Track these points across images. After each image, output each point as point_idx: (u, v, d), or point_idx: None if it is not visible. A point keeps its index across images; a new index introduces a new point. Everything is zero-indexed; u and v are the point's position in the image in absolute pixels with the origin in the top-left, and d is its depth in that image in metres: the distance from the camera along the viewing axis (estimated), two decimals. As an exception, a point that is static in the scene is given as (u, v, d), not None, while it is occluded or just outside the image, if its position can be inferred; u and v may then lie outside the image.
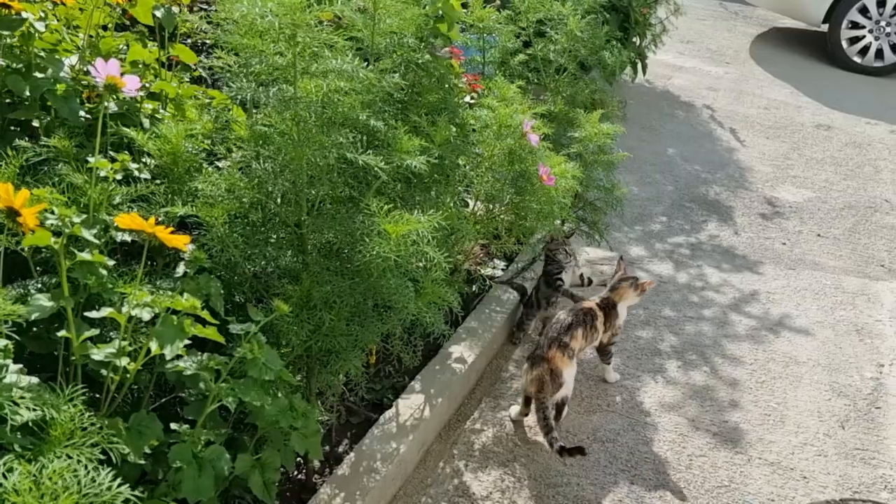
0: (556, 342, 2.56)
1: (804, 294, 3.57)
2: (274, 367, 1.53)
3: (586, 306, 2.72)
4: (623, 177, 4.40)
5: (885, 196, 4.62)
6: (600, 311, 2.72)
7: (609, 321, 2.74)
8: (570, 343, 2.57)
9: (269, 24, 1.61)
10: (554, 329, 2.61)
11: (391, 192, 2.03)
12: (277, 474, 1.76)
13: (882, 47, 6.66)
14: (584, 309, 2.70)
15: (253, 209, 1.85)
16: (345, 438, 2.41)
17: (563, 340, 2.56)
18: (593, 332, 2.70)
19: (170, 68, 2.48)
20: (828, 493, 2.46)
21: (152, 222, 1.33)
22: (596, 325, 2.70)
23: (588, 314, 2.68)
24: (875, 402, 2.90)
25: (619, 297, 2.76)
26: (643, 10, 5.21)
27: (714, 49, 7.22)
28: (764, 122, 5.63)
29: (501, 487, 2.37)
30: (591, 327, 2.68)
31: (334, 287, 1.77)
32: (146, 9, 2.22)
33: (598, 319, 2.70)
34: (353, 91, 1.71)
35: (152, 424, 1.45)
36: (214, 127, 2.12)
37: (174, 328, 1.34)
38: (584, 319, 2.66)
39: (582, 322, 2.64)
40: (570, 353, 2.57)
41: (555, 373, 2.52)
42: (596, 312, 2.71)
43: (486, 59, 3.15)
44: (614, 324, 2.76)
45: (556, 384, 2.51)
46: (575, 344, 2.59)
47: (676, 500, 2.39)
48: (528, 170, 2.37)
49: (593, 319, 2.69)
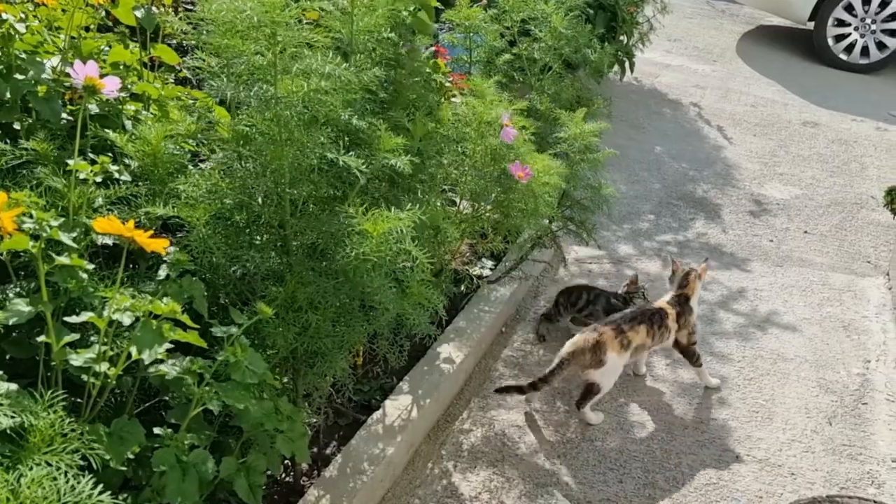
0: (614, 324, 2.60)
1: (791, 291, 3.58)
2: (257, 370, 1.52)
3: (656, 306, 2.75)
4: (611, 175, 4.41)
5: (871, 192, 4.64)
6: (672, 310, 2.74)
7: (683, 318, 2.76)
8: (627, 331, 2.58)
9: (248, 21, 1.59)
10: (617, 315, 2.66)
11: (375, 192, 2.02)
12: (263, 477, 1.75)
13: (868, 44, 6.70)
14: (653, 309, 2.73)
15: (236, 210, 1.84)
16: (333, 440, 2.40)
17: (622, 327, 2.59)
18: (663, 331, 2.70)
19: (155, 69, 2.46)
20: (815, 490, 2.47)
21: (130, 226, 1.31)
22: (667, 324, 2.71)
23: (656, 314, 2.70)
24: (862, 398, 2.91)
25: (691, 292, 2.79)
26: (630, 9, 5.22)
27: (701, 47, 7.24)
28: (751, 119, 5.65)
29: (490, 487, 2.37)
30: (661, 326, 2.69)
31: (318, 288, 1.76)
32: (127, 9, 2.20)
33: (668, 318, 2.72)
34: (334, 90, 1.70)
35: (134, 429, 1.44)
36: (198, 128, 2.10)
37: (153, 333, 1.33)
38: (651, 318, 2.68)
39: (648, 320, 2.67)
40: (625, 342, 2.58)
41: (598, 347, 2.54)
42: (666, 311, 2.73)
43: (472, 59, 3.15)
44: (689, 320, 2.78)
45: (594, 358, 2.53)
46: (634, 336, 2.60)
47: (665, 498, 2.39)
48: (510, 168, 2.37)
49: (663, 319, 2.71)
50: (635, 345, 2.63)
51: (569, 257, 3.65)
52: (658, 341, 2.72)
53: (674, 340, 2.78)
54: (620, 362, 2.61)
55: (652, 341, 2.69)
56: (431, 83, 2.47)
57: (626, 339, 2.59)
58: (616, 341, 2.57)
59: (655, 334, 2.69)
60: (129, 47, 2.29)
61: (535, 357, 2.98)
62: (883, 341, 3.26)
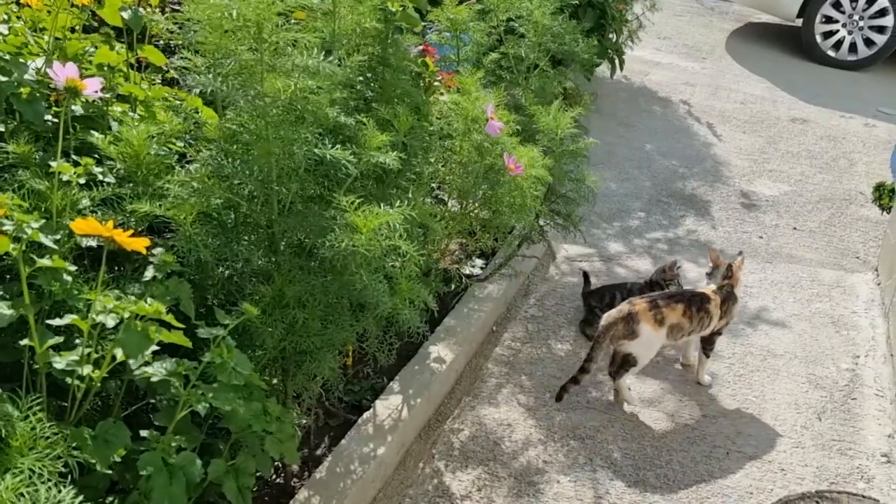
0: (649, 298, 2.64)
1: (781, 287, 3.59)
2: (244, 371, 1.51)
3: (699, 291, 2.76)
4: (600, 173, 4.41)
5: (860, 188, 4.66)
6: (716, 297, 2.74)
7: (726, 306, 2.77)
8: (662, 307, 2.60)
9: (235, 20, 1.58)
10: (655, 294, 2.71)
11: (363, 191, 2.02)
12: (252, 480, 1.74)
13: (855, 41, 6.73)
14: (696, 292, 2.74)
15: (224, 210, 1.83)
16: (324, 441, 2.39)
17: (657, 301, 2.62)
18: (704, 316, 2.70)
19: (142, 70, 2.44)
20: (805, 485, 2.48)
21: (110, 226, 1.30)
22: (708, 310, 2.71)
23: (698, 297, 2.71)
24: (851, 394, 2.92)
25: (736, 283, 2.80)
26: (619, 6, 5.22)
27: (691, 45, 7.26)
28: (740, 116, 5.66)
29: (481, 486, 2.36)
30: (701, 311, 2.69)
31: (306, 285, 1.75)
32: (113, 10, 2.19)
33: (711, 304, 2.71)
34: (321, 88, 1.69)
35: (120, 433, 1.43)
36: (184, 128, 2.09)
37: (139, 335, 1.32)
38: (691, 300, 2.68)
39: (687, 301, 2.67)
40: (659, 317, 2.59)
41: (631, 318, 2.57)
42: (710, 297, 2.73)
43: (460, 57, 3.14)
44: (732, 310, 2.80)
45: (626, 328, 2.57)
46: (669, 313, 2.61)
47: (656, 495, 2.40)
48: (497, 162, 2.36)
49: (704, 303, 2.70)
50: (670, 322, 2.62)
51: (559, 255, 3.66)
52: (698, 326, 2.71)
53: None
54: (657, 338, 2.62)
55: (690, 324, 2.67)
56: (419, 81, 2.46)
57: (660, 314, 2.60)
58: (650, 314, 2.59)
59: (694, 317, 2.67)
60: (115, 48, 2.28)
61: (527, 356, 2.98)
62: (872, 336, 3.27)
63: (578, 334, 3.12)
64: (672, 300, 2.65)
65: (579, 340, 3.09)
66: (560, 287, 3.44)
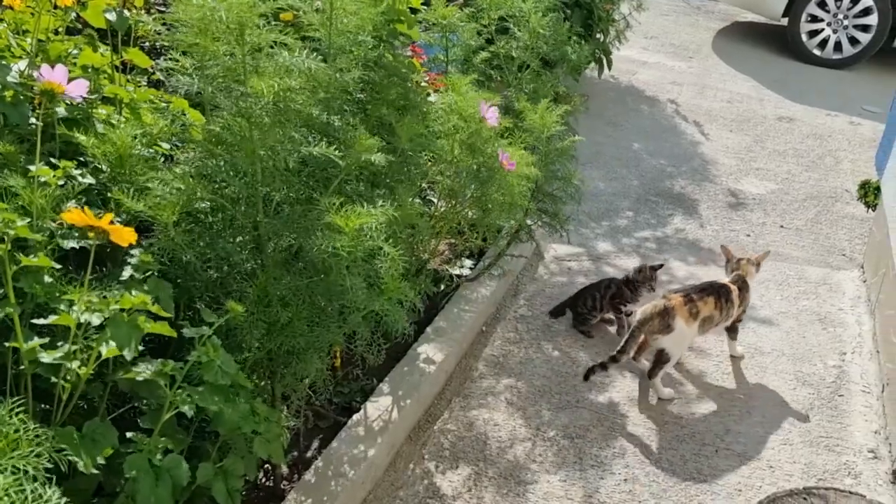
0: (684, 293, 2.76)
1: (768, 285, 3.61)
2: (230, 371, 1.50)
3: (720, 282, 2.88)
4: (589, 172, 4.43)
5: (846, 186, 4.69)
6: (734, 286, 2.87)
7: (742, 295, 2.90)
8: (696, 301, 2.72)
9: (219, 23, 1.58)
10: (686, 287, 2.82)
11: (352, 192, 2.01)
12: (241, 482, 1.73)
13: (840, 40, 6.77)
14: (719, 283, 2.86)
15: (210, 212, 1.82)
16: (313, 443, 2.39)
17: (692, 295, 2.74)
18: (730, 305, 2.83)
19: (127, 72, 2.43)
20: (793, 482, 2.49)
21: (106, 219, 1.30)
22: (732, 299, 2.84)
23: (724, 288, 2.84)
24: (838, 391, 2.94)
25: (746, 273, 2.92)
26: (606, 6, 5.24)
27: (677, 44, 7.29)
28: (727, 115, 5.69)
29: (471, 486, 2.36)
30: (728, 301, 2.83)
31: (292, 286, 1.75)
32: (97, 12, 2.18)
33: (733, 293, 2.85)
34: (307, 89, 1.69)
35: (107, 433, 1.42)
36: (170, 130, 2.08)
37: (127, 325, 1.31)
38: (720, 291, 2.82)
39: (716, 292, 2.80)
40: (694, 311, 2.71)
41: (667, 313, 2.67)
42: (731, 288, 2.86)
43: (449, 58, 3.14)
44: (747, 298, 2.93)
45: (662, 323, 2.66)
46: (703, 307, 2.73)
47: (645, 493, 2.40)
48: (488, 161, 2.37)
49: (729, 293, 2.84)
50: (703, 315, 2.74)
51: (548, 255, 3.66)
52: (725, 316, 2.85)
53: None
54: (689, 332, 2.72)
55: (720, 315, 2.81)
56: (409, 83, 2.45)
57: (695, 308, 2.71)
58: (685, 308, 2.70)
59: (723, 308, 2.81)
60: (100, 50, 2.26)
61: (516, 356, 2.98)
62: (858, 333, 3.29)
63: (568, 334, 3.13)
64: (704, 293, 2.77)
65: (568, 340, 3.09)
66: (549, 287, 3.44)
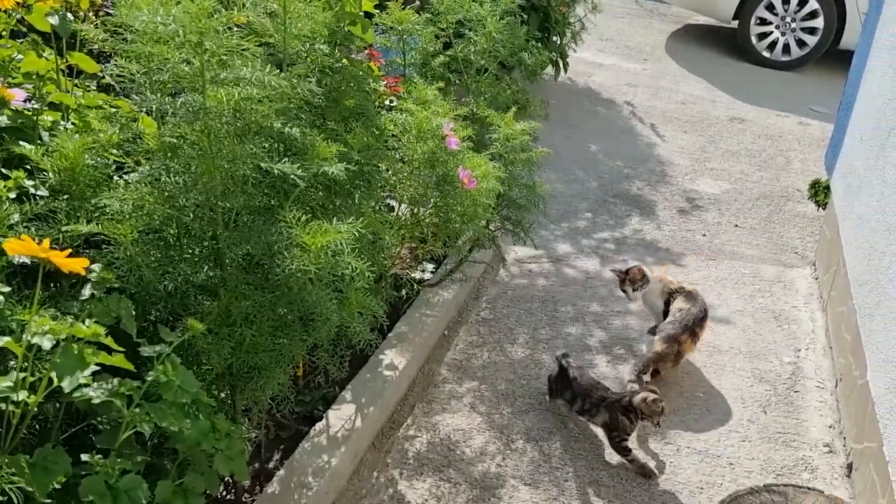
0: (690, 330, 2.92)
1: (724, 284, 3.68)
2: (190, 389, 1.46)
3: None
4: (547, 175, 4.45)
5: (797, 185, 4.81)
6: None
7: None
8: (699, 333, 2.97)
9: (173, 32, 1.53)
10: (688, 318, 2.94)
11: (311, 201, 1.98)
12: (202, 499, 1.68)
13: (789, 42, 6.94)
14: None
15: (166, 224, 1.77)
16: (275, 454, 2.35)
17: (695, 330, 2.94)
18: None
19: (74, 76, 2.35)
20: (753, 478, 2.54)
21: (46, 246, 1.24)
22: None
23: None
24: (794, 387, 3.01)
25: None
26: (562, 9, 5.28)
27: (632, 46, 7.39)
28: (681, 116, 5.79)
29: (437, 494, 2.35)
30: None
31: (255, 302, 1.71)
32: (41, 15, 2.10)
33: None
34: (267, 99, 1.65)
35: (59, 459, 1.37)
36: (122, 138, 2.01)
37: (74, 358, 1.26)
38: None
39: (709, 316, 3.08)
40: (697, 341, 2.98)
41: (680, 356, 2.91)
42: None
43: (406, 62, 3.12)
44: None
45: (676, 363, 2.91)
46: (701, 334, 2.99)
47: (610, 493, 2.42)
48: (450, 173, 2.35)
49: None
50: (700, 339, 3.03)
51: (508, 258, 3.67)
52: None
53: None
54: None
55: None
56: (366, 88, 2.42)
57: (697, 339, 2.97)
58: (692, 345, 2.95)
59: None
60: (44, 55, 2.18)
61: (479, 360, 2.98)
62: (812, 329, 3.37)
63: (531, 336, 3.14)
64: (703, 321, 3.00)
65: (531, 342, 3.10)
66: (510, 289, 3.45)
